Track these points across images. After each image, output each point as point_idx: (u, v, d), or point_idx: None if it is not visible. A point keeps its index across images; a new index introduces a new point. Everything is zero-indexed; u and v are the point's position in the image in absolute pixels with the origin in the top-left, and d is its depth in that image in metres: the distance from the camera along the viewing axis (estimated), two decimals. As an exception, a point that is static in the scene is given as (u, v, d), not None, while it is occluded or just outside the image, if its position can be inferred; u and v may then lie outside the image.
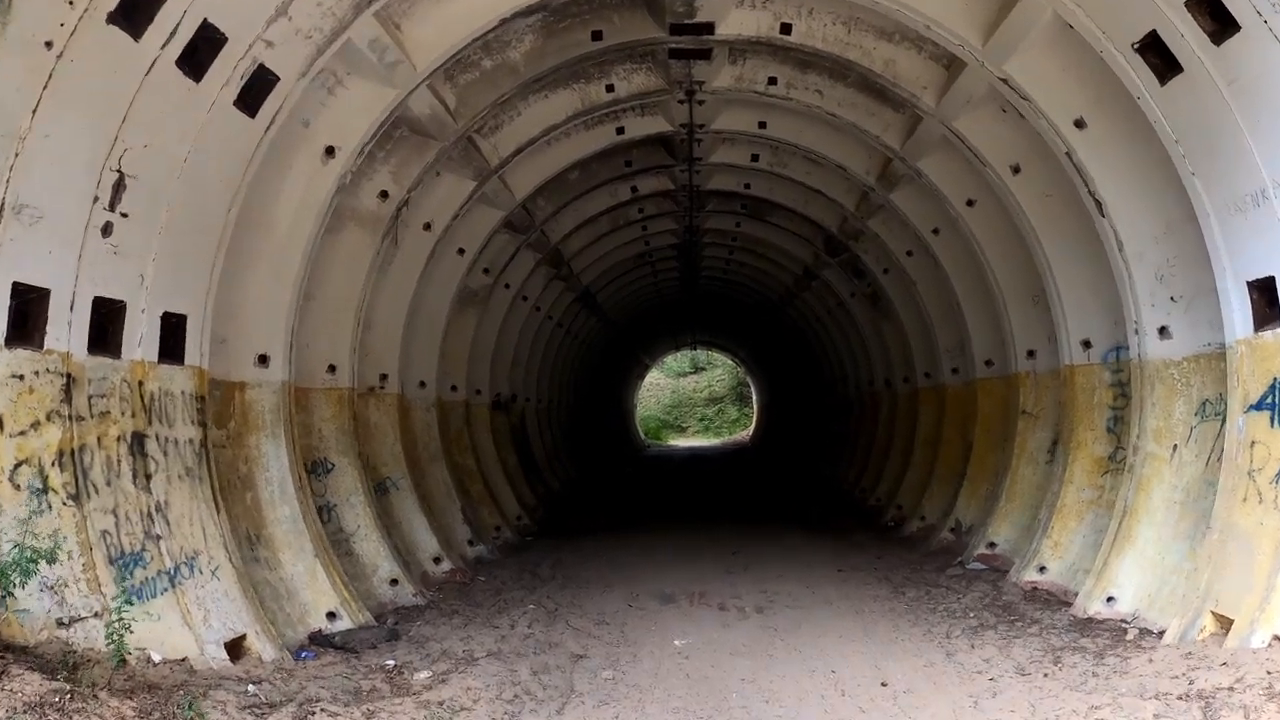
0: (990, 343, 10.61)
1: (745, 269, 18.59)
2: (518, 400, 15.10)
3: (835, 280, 15.44)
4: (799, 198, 13.01)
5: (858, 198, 11.79)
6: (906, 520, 12.21)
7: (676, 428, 47.63)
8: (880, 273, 13.26)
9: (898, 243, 11.98)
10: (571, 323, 18.05)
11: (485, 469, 12.52)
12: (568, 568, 9.87)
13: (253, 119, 6.53)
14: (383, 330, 9.67)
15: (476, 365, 12.66)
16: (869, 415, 16.60)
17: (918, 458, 12.98)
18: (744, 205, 14.23)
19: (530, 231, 12.01)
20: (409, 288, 9.74)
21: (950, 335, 11.89)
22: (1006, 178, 8.47)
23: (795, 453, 24.31)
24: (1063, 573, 8.07)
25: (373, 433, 9.60)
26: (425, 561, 9.51)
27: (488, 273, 11.95)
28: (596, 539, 11.96)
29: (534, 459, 15.28)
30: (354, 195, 8.65)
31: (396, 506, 9.56)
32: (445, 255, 10.64)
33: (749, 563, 9.89)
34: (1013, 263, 9.48)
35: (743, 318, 25.95)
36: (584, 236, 14.07)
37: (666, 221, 15.16)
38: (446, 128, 8.63)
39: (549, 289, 14.95)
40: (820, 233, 14.11)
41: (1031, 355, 9.61)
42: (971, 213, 9.63)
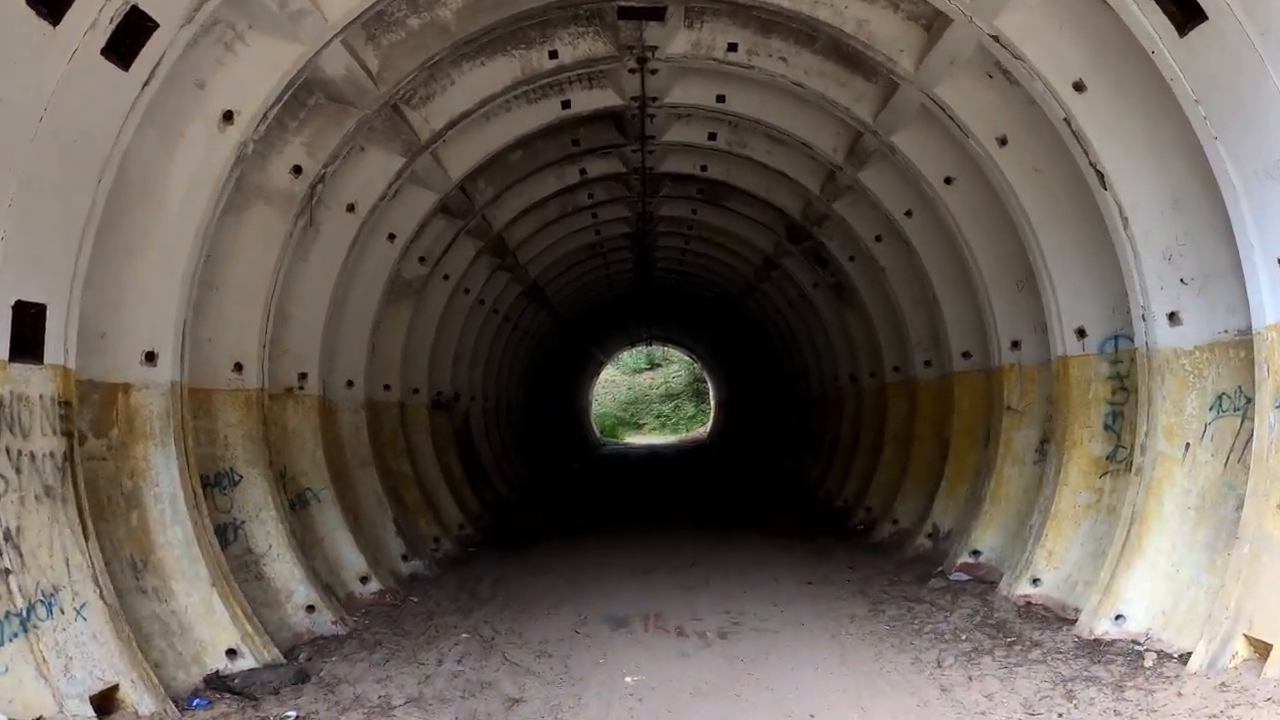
0: (969, 333, 9.87)
1: (702, 260, 17.73)
2: (461, 400, 14.07)
3: (797, 270, 14.65)
4: (760, 181, 12.16)
5: (823, 178, 10.97)
6: (878, 523, 11.45)
7: (633, 425, 46.86)
8: (845, 260, 12.48)
9: (866, 227, 11.20)
10: (519, 318, 17.04)
11: (423, 475, 11.48)
12: (510, 584, 8.91)
13: (126, 72, 5.47)
14: (301, 324, 8.61)
15: (413, 363, 11.62)
16: (833, 412, 15.86)
17: (888, 457, 12.23)
18: (700, 190, 13.35)
19: (470, 217, 11.00)
20: (330, 276, 8.69)
21: (923, 326, 11.14)
22: (993, 150, 7.69)
23: (755, 450, 23.57)
24: (1059, 585, 7.32)
25: (290, 439, 8.55)
26: (351, 582, 8.48)
27: (423, 262, 10.91)
28: (545, 548, 11.01)
29: (480, 462, 14.26)
30: (262, 170, 7.61)
31: (318, 521, 8.52)
32: (373, 241, 9.60)
33: (709, 575, 9.02)
34: (996, 245, 8.74)
35: (699, 312, 25.13)
36: (530, 224, 13.09)
37: (619, 208, 14.23)
38: (367, 94, 7.61)
39: (493, 281, 13.93)
40: (782, 219, 13.29)
41: (1016, 346, 8.87)
42: (950, 191, 8.86)
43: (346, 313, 9.53)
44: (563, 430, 27.29)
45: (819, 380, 17.06)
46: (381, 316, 10.51)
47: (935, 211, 9.27)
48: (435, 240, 10.95)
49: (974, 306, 9.67)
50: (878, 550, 10.31)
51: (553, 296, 18.13)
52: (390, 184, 8.81)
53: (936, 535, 9.85)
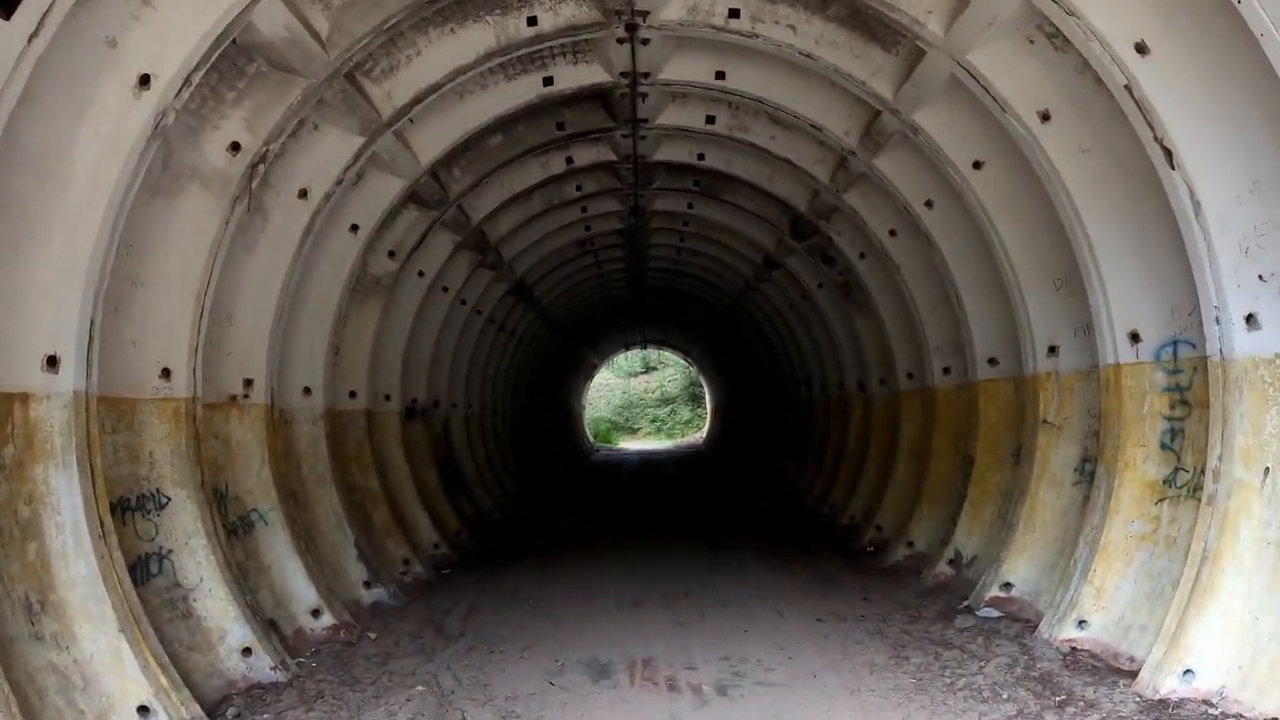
0: (997, 337, 8.90)
1: (698, 259, 16.75)
2: (440, 407, 13.07)
3: (801, 269, 13.67)
4: (762, 170, 11.19)
5: (833, 166, 9.99)
6: (890, 545, 10.47)
7: (627, 429, 45.94)
8: (856, 258, 11.50)
9: (880, 220, 10.22)
10: (505, 319, 16.04)
11: (394, 490, 10.48)
12: (482, 618, 7.91)
13: (7, 21, 4.51)
14: (247, 324, 7.63)
15: (383, 367, 10.62)
16: (837, 421, 14.88)
17: (900, 473, 11.25)
18: (697, 182, 12.37)
19: (444, 207, 10.01)
20: (280, 271, 7.71)
21: (942, 329, 10.17)
22: (1034, 127, 6.71)
23: (753, 458, 22.58)
24: (1110, 629, 6.34)
25: (233, 453, 7.55)
26: (300, 616, 7.49)
27: (393, 256, 9.92)
28: (525, 572, 10.02)
29: (460, 474, 13.27)
30: (194, 148, 6.63)
31: (264, 547, 7.52)
32: (332, 232, 8.62)
33: (705, 608, 8.04)
34: (1031, 238, 7.77)
35: (695, 314, 24.13)
36: (513, 217, 12.10)
37: (609, 201, 13.25)
38: (314, 60, 6.63)
39: (474, 279, 12.93)
40: (785, 213, 12.32)
41: (1053, 352, 7.88)
42: (980, 176, 7.88)
43: (303, 312, 8.55)
44: (554, 437, 26.30)
45: (822, 387, 16.08)
46: (345, 316, 9.54)
47: (961, 201, 8.30)
48: (406, 233, 9.96)
49: (1002, 308, 8.71)
50: (892, 577, 9.32)
51: (541, 297, 17.14)
52: (347, 167, 7.83)
53: (959, 562, 8.86)
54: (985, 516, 8.94)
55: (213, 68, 6.36)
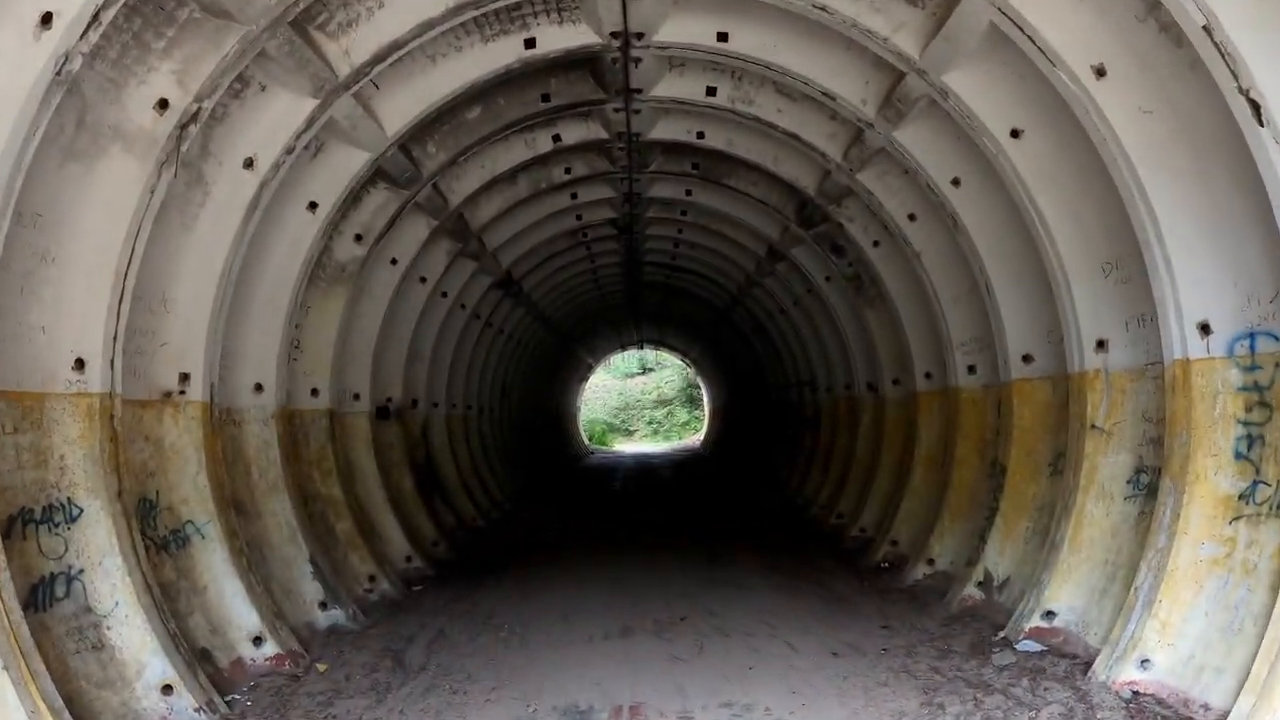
0: (1033, 331, 7.98)
1: (697, 252, 15.82)
2: (419, 406, 12.14)
3: (807, 260, 12.73)
4: (767, 149, 10.26)
5: (847, 140, 9.07)
6: (907, 562, 9.54)
7: (624, 431, 45.04)
8: (869, 246, 10.57)
9: (898, 203, 9.30)
10: (492, 314, 15.10)
11: (362, 499, 9.56)
12: (449, 647, 6.98)
13: None
14: (185, 310, 6.70)
15: (351, 363, 9.69)
16: (845, 425, 13.95)
17: (917, 481, 10.32)
18: (695, 165, 11.44)
19: (417, 186, 9.07)
20: (222, 249, 6.78)
21: (967, 324, 9.24)
22: (1088, 83, 5.76)
23: (753, 463, 21.63)
24: (1179, 670, 5.41)
25: (166, 458, 6.62)
26: (240, 644, 6.54)
27: (360, 240, 8.99)
28: (504, 589, 9.09)
29: (440, 480, 12.32)
30: (115, 104, 5.71)
31: (200, 564, 6.59)
32: (287, 209, 7.70)
33: (704, 637, 7.11)
34: (1078, 217, 6.84)
35: (694, 313, 23.22)
36: (496, 201, 11.17)
37: (601, 187, 12.32)
38: (253, 3, 5.71)
39: (456, 270, 12.00)
40: (792, 198, 11.39)
41: (1102, 347, 6.92)
42: (1019, 147, 6.93)
43: (254, 299, 7.64)
44: (546, 439, 25.36)
45: (828, 388, 15.14)
46: (306, 306, 8.64)
47: (994, 177, 7.39)
48: (375, 215, 9.03)
49: (1039, 298, 7.81)
50: (911, 599, 8.39)
51: (531, 292, 16.21)
52: (299, 133, 6.89)
53: (990, 584, 7.93)
54: (1019, 533, 8.01)
55: (135, 11, 5.52)
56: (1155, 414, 6.59)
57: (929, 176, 8.27)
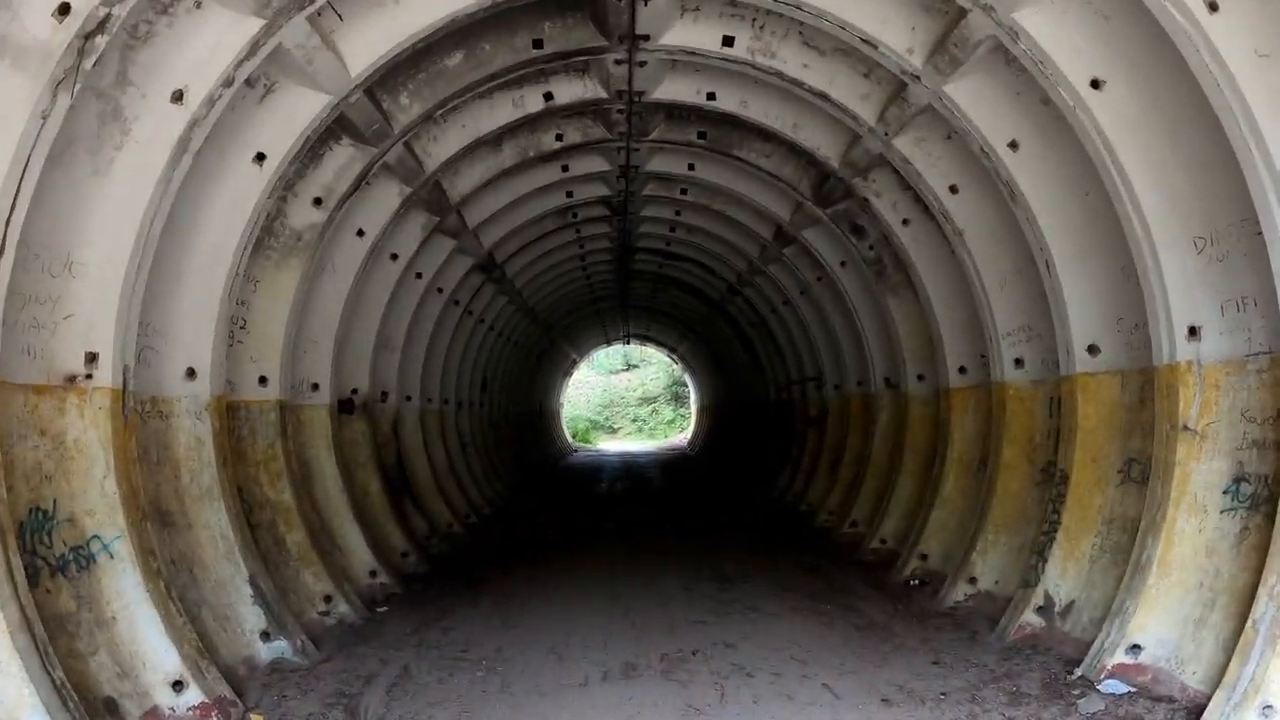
0: (1100, 318, 6.87)
1: (695, 237, 14.63)
2: (389, 399, 10.87)
3: (821, 243, 11.57)
4: (787, 112, 9.09)
5: (885, 98, 7.91)
6: (944, 582, 8.39)
7: (607, 428, 43.92)
8: (897, 225, 9.42)
9: (940, 172, 8.16)
10: (472, 301, 13.83)
11: (319, 505, 8.31)
12: (414, 691, 5.75)
13: None
14: (94, 274, 5.42)
15: (309, 348, 8.44)
16: (857, 425, 12.82)
17: (950, 489, 9.19)
18: (702, 134, 10.24)
19: (387, 143, 7.82)
20: (142, 201, 5.50)
21: (1015, 310, 8.13)
22: (1201, 17, 4.66)
23: (747, 465, 20.50)
24: (1337, 734, 4.30)
25: (68, 457, 5.34)
26: (156, 689, 5.28)
27: (320, 205, 7.72)
28: (483, 612, 7.86)
29: (413, 483, 11.06)
30: (6, 9, 4.45)
31: (106, 590, 5.31)
32: (228, 160, 6.45)
33: (724, 679, 5.91)
34: (1167, 182, 5.73)
35: (686, 305, 22.05)
36: (479, 170, 9.93)
37: (595, 159, 11.11)
38: (172, -125, 4.47)
39: (432, 247, 10.76)
40: (810, 170, 10.24)
41: (1195, 335, 5.83)
42: (1100, 100, 5.80)
43: (186, 265, 6.37)
44: (528, 436, 24.10)
45: (838, 384, 14.01)
46: (253, 278, 7.37)
47: (1061, 137, 6.33)
48: (338, 175, 7.78)
49: (1109, 280, 6.76)
50: (957, 626, 7.26)
51: (515, 278, 14.94)
52: (239, 61, 5.62)
53: (1050, 610, 6.80)
54: (1083, 551, 6.89)
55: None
56: (1259, 413, 5.60)
57: (982, 139, 7.13)
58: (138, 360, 5.93)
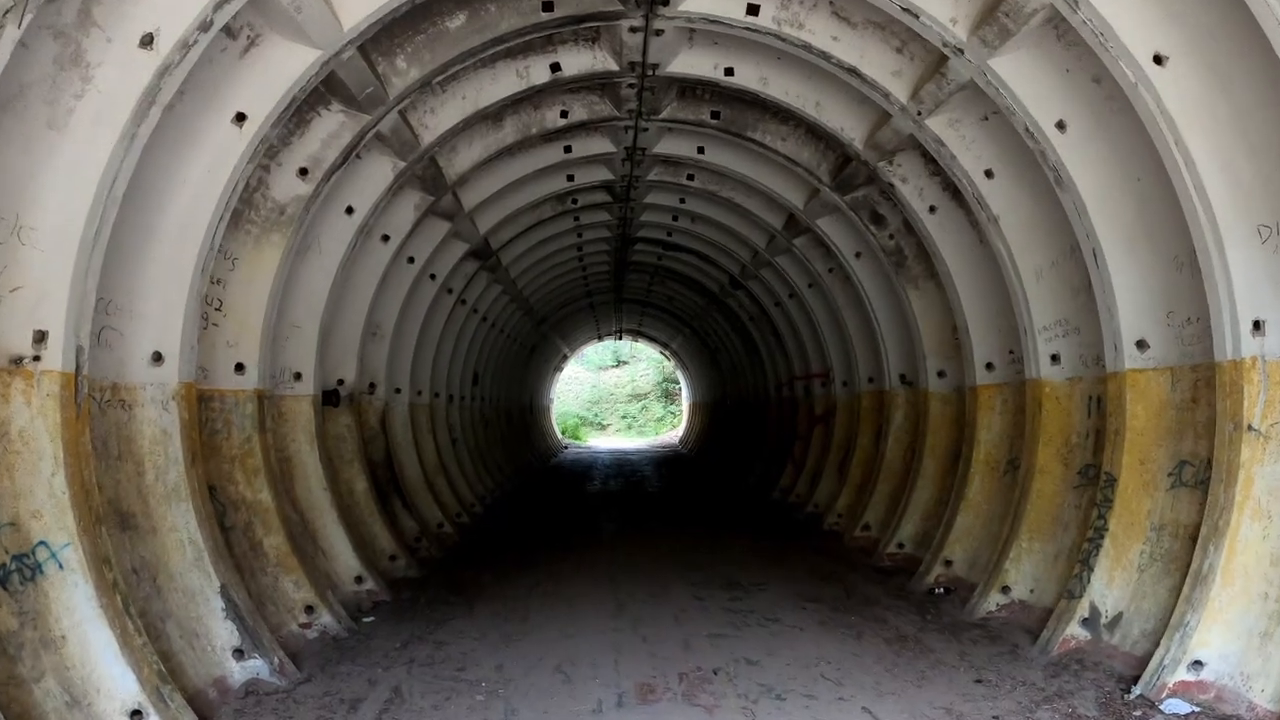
0: (1151, 310, 6.35)
1: (698, 227, 14.03)
2: (377, 391, 10.21)
3: (836, 232, 10.99)
4: (809, 91, 8.51)
5: (920, 74, 7.34)
6: (972, 591, 7.82)
7: (597, 425, 43.33)
8: (923, 212, 8.86)
9: (975, 155, 7.60)
10: (465, 289, 13.17)
11: (300, 505, 7.67)
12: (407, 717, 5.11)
13: None
14: (49, 243, 4.76)
15: (291, 334, 7.79)
16: (868, 423, 12.25)
17: (976, 492, 8.64)
18: (716, 114, 9.63)
19: (381, 110, 7.17)
20: (100, 161, 4.84)
21: (1052, 303, 7.59)
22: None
23: (746, 464, 19.93)
24: None
25: (13, 450, 4.68)
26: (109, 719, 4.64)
27: (306, 176, 7.07)
28: (480, 624, 7.23)
29: (401, 481, 10.40)
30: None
31: (54, 605, 4.66)
32: (204, 119, 5.81)
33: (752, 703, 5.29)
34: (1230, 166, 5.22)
35: (682, 299, 21.49)
36: (478, 147, 9.30)
37: (600, 139, 10.51)
38: None
39: (426, 230, 10.13)
40: (830, 153, 9.67)
41: (1259, 329, 5.31)
42: (1165, 76, 5.26)
43: (154, 236, 5.72)
44: (520, 432, 23.44)
45: (845, 382, 13.45)
46: (230, 254, 6.72)
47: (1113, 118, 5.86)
48: (326, 144, 7.13)
49: (1163, 269, 6.27)
50: (993, 639, 6.70)
51: (510, 266, 14.30)
52: (216, 4, 4.97)
53: (1097, 623, 6.24)
54: (1131, 559, 6.35)
55: None
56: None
57: (1029, 119, 6.56)
58: (96, 341, 5.30)
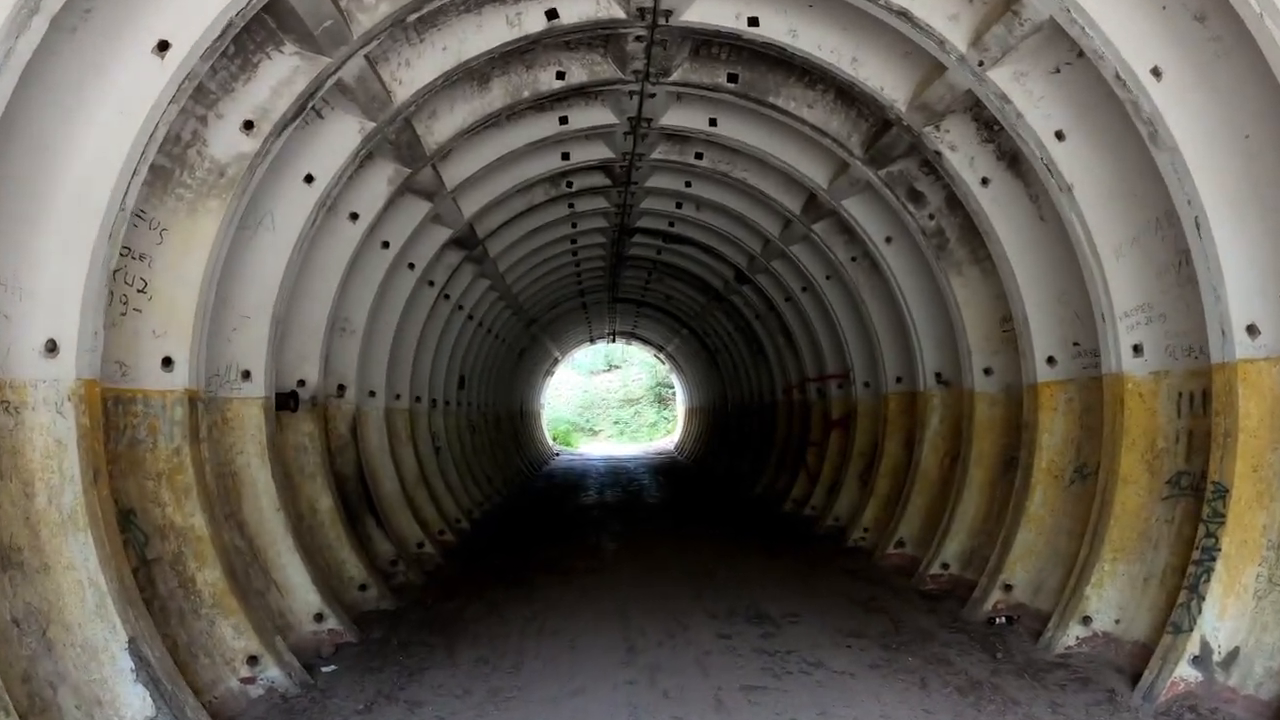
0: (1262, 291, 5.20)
1: (704, 214, 12.87)
2: (347, 394, 8.98)
3: (864, 214, 9.82)
4: (845, 44, 7.34)
5: (985, 14, 6.17)
6: (1044, 622, 6.65)
7: (588, 430, 42.16)
8: (975, 185, 7.69)
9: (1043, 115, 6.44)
10: (449, 282, 11.94)
11: (249, 529, 6.43)
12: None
13: None
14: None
15: (237, 323, 6.55)
16: (897, 428, 11.06)
17: (1038, 506, 7.47)
18: (733, 76, 8.45)
19: (344, 52, 5.95)
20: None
21: (1136, 284, 6.44)
22: None
23: (753, 472, 18.74)
24: None
25: None
26: (-41, 833, 3.40)
27: (251, 131, 5.84)
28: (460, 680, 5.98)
29: (373, 496, 9.15)
30: None
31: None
32: (114, 49, 4.60)
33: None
34: None
35: (681, 297, 20.31)
36: (461, 110, 8.11)
37: (600, 110, 9.33)
38: None
39: (402, 211, 8.94)
40: (863, 122, 8.52)
41: None
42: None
43: (47, 194, 4.49)
44: (509, 439, 22.18)
45: (870, 382, 12.29)
46: (157, 224, 5.49)
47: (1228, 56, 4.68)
48: (276, 92, 5.90)
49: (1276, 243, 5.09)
50: (1084, 683, 5.54)
51: (498, 259, 13.08)
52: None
53: (1209, 661, 5.10)
54: (1246, 583, 5.22)
55: None
56: None
57: (1120, 63, 5.42)
58: (-43, 325, 4.07)
